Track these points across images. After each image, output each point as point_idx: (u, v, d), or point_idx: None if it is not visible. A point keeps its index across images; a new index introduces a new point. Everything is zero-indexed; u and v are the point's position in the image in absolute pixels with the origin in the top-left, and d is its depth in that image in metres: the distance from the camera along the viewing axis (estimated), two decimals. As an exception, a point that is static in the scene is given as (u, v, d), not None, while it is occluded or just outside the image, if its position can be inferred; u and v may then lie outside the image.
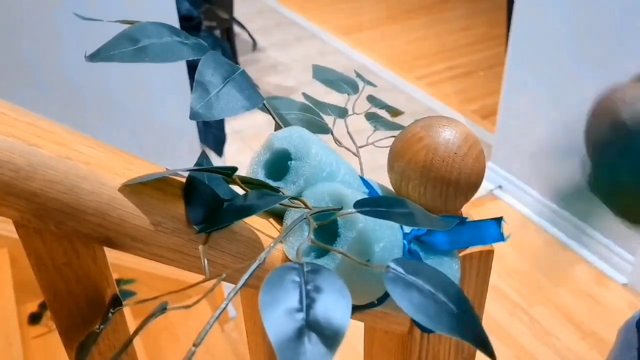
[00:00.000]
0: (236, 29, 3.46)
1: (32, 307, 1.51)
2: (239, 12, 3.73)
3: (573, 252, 2.08)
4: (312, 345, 0.25)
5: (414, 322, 0.45)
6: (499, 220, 0.43)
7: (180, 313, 1.71)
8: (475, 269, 0.50)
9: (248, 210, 0.37)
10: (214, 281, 0.35)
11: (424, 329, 0.46)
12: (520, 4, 2.06)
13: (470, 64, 3.43)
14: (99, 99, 1.49)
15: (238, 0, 3.82)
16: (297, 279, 0.29)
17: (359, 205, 0.37)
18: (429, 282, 0.32)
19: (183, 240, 0.38)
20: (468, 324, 0.30)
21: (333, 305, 0.28)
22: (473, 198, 0.46)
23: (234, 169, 0.39)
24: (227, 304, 0.29)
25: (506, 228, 0.43)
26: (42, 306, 1.50)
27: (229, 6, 3.10)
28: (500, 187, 2.40)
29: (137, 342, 0.36)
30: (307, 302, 0.27)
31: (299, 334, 0.26)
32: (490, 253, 0.50)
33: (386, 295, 0.43)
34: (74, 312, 0.39)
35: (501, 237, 0.42)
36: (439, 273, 0.33)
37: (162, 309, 0.34)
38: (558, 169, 2.11)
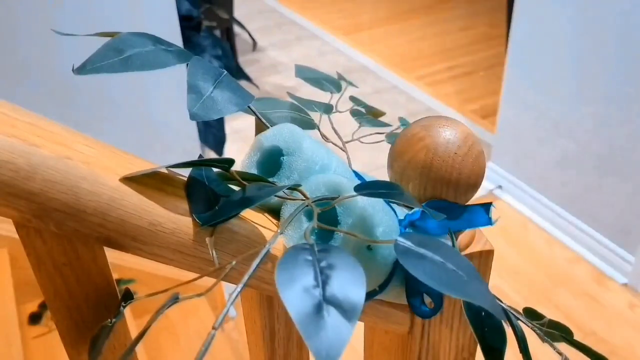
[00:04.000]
0: (236, 29, 3.46)
1: (32, 307, 1.51)
2: (239, 12, 3.73)
3: (573, 252, 2.08)
4: (332, 318, 0.26)
5: (415, 312, 0.46)
6: (488, 205, 0.44)
7: (180, 313, 1.71)
8: (475, 269, 0.50)
9: (249, 201, 0.38)
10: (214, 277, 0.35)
11: (424, 315, 0.47)
12: (520, 4, 2.06)
13: (470, 64, 3.43)
14: (99, 99, 1.49)
15: (238, 0, 3.82)
16: (310, 257, 0.30)
17: (359, 188, 0.38)
18: (437, 253, 0.33)
19: (183, 240, 0.38)
20: (478, 289, 0.31)
21: (348, 279, 0.29)
22: (473, 198, 0.46)
23: (231, 161, 0.39)
24: (243, 287, 0.30)
25: (495, 213, 0.44)
26: (42, 306, 1.50)
27: (229, 6, 3.10)
28: (500, 187, 2.40)
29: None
30: (323, 278, 0.28)
31: (318, 308, 0.27)
32: (490, 253, 0.50)
33: (387, 282, 0.43)
34: (74, 312, 0.39)
35: (489, 222, 0.43)
36: (445, 245, 0.34)
37: (175, 299, 0.34)
38: (558, 169, 2.11)
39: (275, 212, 0.45)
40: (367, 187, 0.38)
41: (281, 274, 0.28)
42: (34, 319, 1.49)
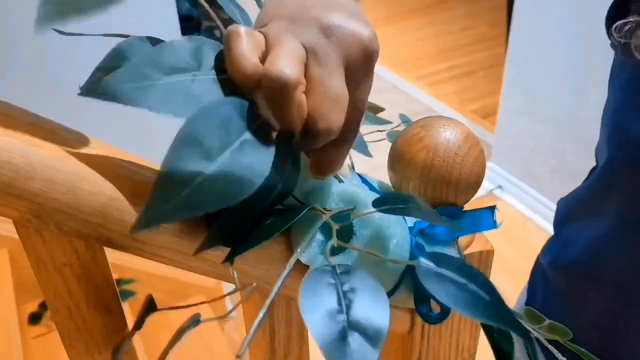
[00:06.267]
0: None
1: (32, 307, 1.51)
2: (239, 12, 3.71)
3: (573, 252, 2.08)
4: (357, 345, 0.26)
5: (422, 318, 0.46)
6: (492, 208, 0.44)
7: (180, 313, 1.71)
8: (475, 269, 0.50)
9: (275, 229, 0.36)
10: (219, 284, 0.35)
11: (431, 321, 0.47)
12: (520, 4, 2.06)
13: (470, 64, 3.43)
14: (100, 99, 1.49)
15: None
16: (332, 281, 0.30)
17: (377, 204, 0.38)
18: (459, 273, 0.32)
19: (184, 240, 0.38)
20: (501, 312, 0.31)
21: (371, 304, 0.29)
22: (473, 198, 0.46)
23: None
24: (265, 312, 0.30)
25: (498, 215, 0.44)
26: (42, 306, 1.50)
27: (229, 6, 3.09)
28: (500, 187, 2.40)
29: (137, 342, 0.36)
30: (346, 302, 0.28)
31: (343, 334, 0.27)
32: (490, 253, 0.50)
33: (395, 288, 0.43)
34: (74, 312, 0.39)
35: (494, 225, 0.43)
36: (465, 264, 0.33)
37: (196, 322, 0.34)
38: (558, 169, 2.11)
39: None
40: (385, 202, 0.38)
41: (305, 298, 0.28)
42: (34, 319, 1.49)
